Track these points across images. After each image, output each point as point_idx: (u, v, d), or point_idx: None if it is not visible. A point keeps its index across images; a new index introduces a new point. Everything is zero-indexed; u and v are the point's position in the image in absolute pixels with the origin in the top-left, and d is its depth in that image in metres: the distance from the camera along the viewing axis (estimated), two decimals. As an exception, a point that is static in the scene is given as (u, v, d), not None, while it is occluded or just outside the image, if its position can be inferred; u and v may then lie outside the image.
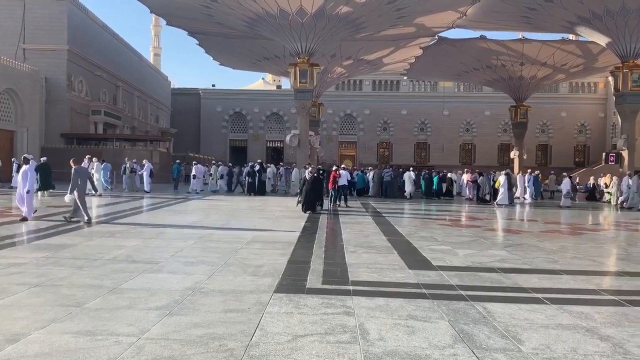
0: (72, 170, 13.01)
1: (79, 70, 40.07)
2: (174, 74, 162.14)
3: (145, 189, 26.18)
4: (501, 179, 23.82)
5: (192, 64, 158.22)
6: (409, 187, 27.33)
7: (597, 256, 10.19)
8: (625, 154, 30.22)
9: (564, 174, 27.19)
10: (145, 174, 26.40)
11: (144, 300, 6.02)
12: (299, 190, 20.83)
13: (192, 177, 27.79)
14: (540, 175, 30.59)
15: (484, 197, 25.41)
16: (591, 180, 32.32)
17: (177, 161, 31.38)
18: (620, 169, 29.65)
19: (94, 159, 24.10)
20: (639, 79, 29.04)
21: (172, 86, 64.94)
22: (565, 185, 24.41)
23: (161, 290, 6.52)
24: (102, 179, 24.07)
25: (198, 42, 36.42)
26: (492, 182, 25.37)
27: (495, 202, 23.76)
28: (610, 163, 31.14)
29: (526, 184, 27.92)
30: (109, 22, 63.32)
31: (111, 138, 42.63)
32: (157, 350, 4.41)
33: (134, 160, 28.16)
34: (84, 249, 9.28)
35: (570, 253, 10.31)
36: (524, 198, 27.65)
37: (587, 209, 24.13)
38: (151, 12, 31.88)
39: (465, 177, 28.12)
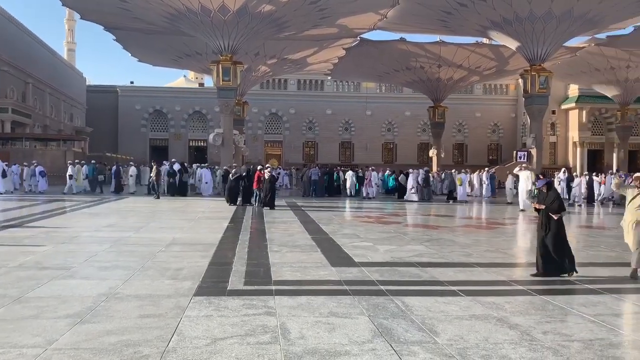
0: None
1: (-18, 65, 37.26)
2: (90, 71, 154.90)
3: None
4: (462, 177, 25.01)
5: (109, 60, 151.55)
6: (350, 185, 28.45)
7: (508, 249, 10.78)
8: (533, 151, 32.18)
9: (410, 170, 28.79)
10: None
11: (53, 308, 5.69)
12: (224, 191, 20.81)
13: (67, 177, 26.37)
14: (496, 174, 32.18)
15: (452, 195, 26.04)
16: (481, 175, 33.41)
17: (93, 161, 29.95)
18: (530, 166, 31.51)
19: None
20: (545, 81, 30.98)
21: (87, 83, 61.85)
22: (412, 180, 25.73)
23: (72, 297, 6.19)
24: None
25: (115, 38, 34.92)
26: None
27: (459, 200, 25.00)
28: (520, 160, 32.95)
29: (484, 182, 29.25)
30: (17, 15, 59.41)
31: (20, 137, 39.93)
32: (65, 362, 4.17)
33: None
34: (-14, 257, 8.63)
35: (484, 246, 10.82)
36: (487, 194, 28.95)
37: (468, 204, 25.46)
38: (63, 4, 30.16)
39: (367, 175, 28.29)
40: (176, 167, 26.30)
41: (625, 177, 7.48)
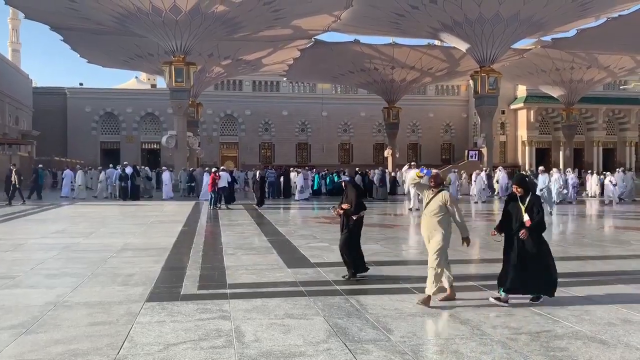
0: None
1: None
2: (37, 72, 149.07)
3: None
4: (452, 176, 26.05)
5: (57, 61, 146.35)
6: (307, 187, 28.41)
7: (459, 246, 10.98)
8: (484, 151, 33.13)
9: (298, 169, 28.96)
10: None
11: (-5, 319, 5.46)
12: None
13: None
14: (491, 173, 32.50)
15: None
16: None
17: (40, 166, 28.89)
18: (481, 165, 32.41)
19: None
20: (494, 82, 31.96)
21: (34, 85, 59.57)
22: (300, 180, 26.26)
23: (17, 307, 5.96)
24: None
25: (62, 38, 33.83)
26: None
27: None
28: (471, 158, 33.88)
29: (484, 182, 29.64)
30: (-45, 12, 56.67)
31: (-40, 141, 38.18)
32: (8, 374, 4.01)
33: None
34: None
35: (437, 244, 11.01)
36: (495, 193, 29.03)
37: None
38: (6, 3, 29.00)
39: (301, 176, 27.63)
40: (128, 170, 25.66)
41: (428, 173, 6.57)
